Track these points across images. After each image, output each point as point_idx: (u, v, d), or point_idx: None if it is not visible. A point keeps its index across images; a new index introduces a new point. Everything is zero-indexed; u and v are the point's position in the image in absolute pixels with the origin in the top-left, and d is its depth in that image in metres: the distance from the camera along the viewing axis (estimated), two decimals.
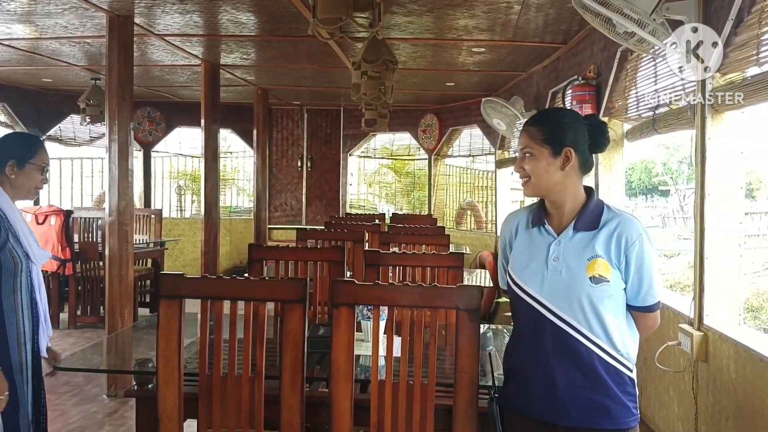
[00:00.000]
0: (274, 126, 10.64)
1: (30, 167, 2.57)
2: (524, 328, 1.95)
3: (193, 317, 2.37)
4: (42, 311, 2.61)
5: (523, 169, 1.95)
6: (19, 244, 2.50)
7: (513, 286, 1.97)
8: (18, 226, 2.52)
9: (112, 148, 4.74)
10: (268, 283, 2.20)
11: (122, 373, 3.69)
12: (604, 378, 1.86)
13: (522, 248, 1.99)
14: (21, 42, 5.98)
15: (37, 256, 2.58)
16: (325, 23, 2.91)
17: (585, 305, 1.85)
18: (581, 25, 4.84)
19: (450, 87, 8.23)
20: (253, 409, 2.14)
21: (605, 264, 1.86)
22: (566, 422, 1.88)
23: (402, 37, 5.43)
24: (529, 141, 1.94)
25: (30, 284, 2.54)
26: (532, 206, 2.07)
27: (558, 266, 1.89)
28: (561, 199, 1.95)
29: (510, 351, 2.04)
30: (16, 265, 2.47)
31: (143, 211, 8.28)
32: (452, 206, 10.62)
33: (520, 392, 1.96)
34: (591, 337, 1.85)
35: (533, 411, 1.93)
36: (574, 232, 1.91)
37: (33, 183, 2.59)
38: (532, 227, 1.99)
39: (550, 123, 1.95)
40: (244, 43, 5.99)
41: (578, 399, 1.87)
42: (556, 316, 1.87)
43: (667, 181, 29.20)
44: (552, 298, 1.88)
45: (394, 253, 3.59)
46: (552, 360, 1.88)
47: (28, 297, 2.52)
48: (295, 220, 10.66)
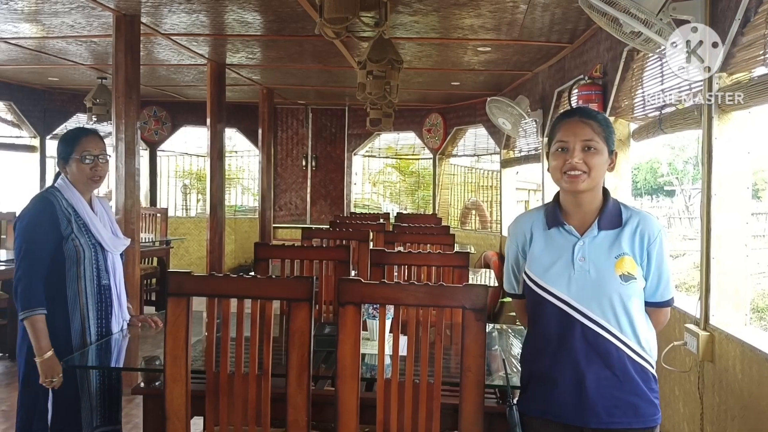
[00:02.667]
0: (279, 125, 10.66)
1: (73, 161, 2.72)
2: (550, 331, 1.90)
3: (198, 316, 2.38)
4: (116, 297, 2.79)
5: (584, 163, 1.87)
6: (86, 235, 2.70)
7: (536, 289, 1.92)
8: (88, 218, 2.72)
9: (119, 147, 4.76)
10: (275, 281, 2.21)
11: (130, 371, 3.73)
12: (633, 377, 1.86)
13: (541, 250, 1.94)
14: (28, 41, 6.00)
15: (111, 244, 2.78)
16: (331, 23, 2.92)
17: (616, 304, 1.84)
18: (587, 25, 4.83)
19: (455, 86, 8.23)
20: (259, 407, 2.15)
21: (632, 261, 1.86)
22: (595, 424, 1.85)
23: (407, 36, 5.43)
24: (593, 134, 1.88)
25: (97, 272, 2.71)
26: (543, 208, 2.03)
27: (585, 266, 1.86)
28: (591, 199, 1.92)
29: (533, 355, 1.98)
30: (79, 254, 2.66)
31: (149, 209, 8.30)
32: (457, 206, 10.62)
33: (546, 397, 1.91)
34: (620, 336, 1.84)
35: (559, 415, 1.90)
36: (598, 231, 1.90)
37: (84, 174, 2.72)
38: (549, 228, 1.95)
39: (604, 121, 1.93)
40: (250, 43, 6.00)
41: (609, 399, 1.85)
42: (586, 317, 1.85)
43: (672, 181, 29.13)
44: (581, 298, 1.85)
45: (400, 252, 3.60)
46: (582, 361, 1.85)
47: (93, 284, 2.70)
48: (299, 220, 10.67)
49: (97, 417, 2.69)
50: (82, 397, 2.65)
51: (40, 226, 2.62)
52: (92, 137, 2.77)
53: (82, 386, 2.65)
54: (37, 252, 2.59)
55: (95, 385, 2.68)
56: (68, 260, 2.65)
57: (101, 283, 2.73)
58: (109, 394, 2.75)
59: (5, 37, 5.78)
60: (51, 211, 2.64)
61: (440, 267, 3.42)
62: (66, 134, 2.83)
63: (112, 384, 2.77)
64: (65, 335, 2.63)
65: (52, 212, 2.64)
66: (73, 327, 2.66)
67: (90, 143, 2.75)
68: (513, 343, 3.03)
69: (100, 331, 2.73)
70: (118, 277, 2.82)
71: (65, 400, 2.63)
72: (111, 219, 2.89)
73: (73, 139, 2.75)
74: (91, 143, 2.75)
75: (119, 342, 2.85)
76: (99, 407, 2.69)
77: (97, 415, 2.69)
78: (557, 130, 1.94)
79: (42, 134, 9.27)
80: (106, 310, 2.75)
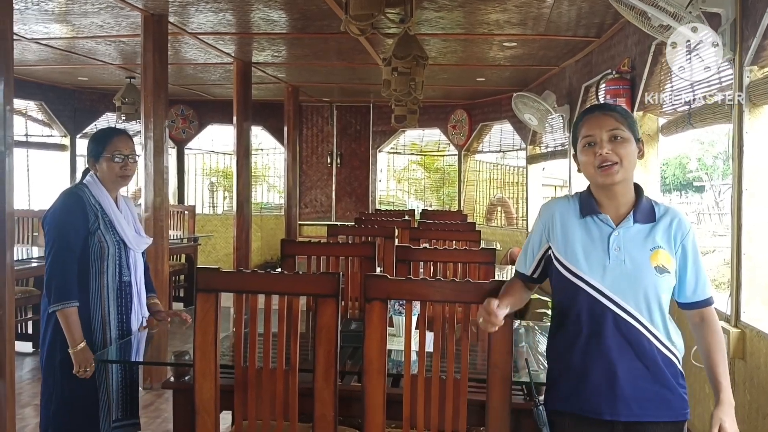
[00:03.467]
0: (304, 123, 10.71)
1: (103, 160, 2.78)
2: (582, 322, 1.87)
3: (224, 312, 2.40)
4: (136, 294, 2.84)
5: (614, 153, 1.84)
6: (111, 232, 2.75)
7: (569, 277, 1.88)
8: (113, 215, 2.77)
9: (148, 145, 4.82)
10: (302, 277, 2.23)
11: (161, 365, 3.82)
12: (663, 370, 1.84)
13: (576, 237, 1.90)
14: (58, 41, 6.11)
15: (134, 242, 2.83)
16: (357, 19, 2.93)
17: (650, 296, 1.83)
18: (615, 19, 4.78)
19: (480, 82, 8.19)
20: (287, 402, 2.17)
21: (667, 255, 1.85)
22: (626, 417, 1.83)
23: (432, 32, 5.42)
24: (618, 123, 1.87)
25: (119, 268, 2.77)
26: (577, 195, 1.99)
27: (620, 256, 1.84)
28: (623, 190, 1.89)
29: (564, 349, 1.93)
30: (103, 250, 2.72)
31: (177, 207, 8.40)
32: (482, 202, 10.57)
33: (576, 391, 1.88)
34: (651, 329, 1.83)
35: (590, 410, 1.87)
36: (634, 223, 1.88)
37: (113, 173, 2.78)
38: (583, 217, 1.91)
39: (626, 112, 1.94)
40: (276, 41, 6.04)
41: (641, 392, 1.83)
42: (619, 307, 1.83)
43: (701, 176, 28.67)
44: (615, 288, 1.83)
45: (425, 249, 3.59)
46: (614, 352, 1.83)
47: (114, 280, 2.76)
48: (324, 217, 10.71)
49: (118, 411, 2.74)
50: (99, 391, 2.70)
51: (70, 219, 2.67)
52: (123, 137, 2.83)
53: (100, 380, 2.70)
54: (68, 244, 2.65)
55: (114, 379, 2.74)
56: (93, 255, 2.71)
57: (122, 279, 2.79)
58: (129, 389, 2.80)
59: (36, 37, 5.89)
60: (80, 205, 2.70)
61: (466, 263, 3.41)
62: (97, 133, 2.89)
63: (133, 378, 2.83)
64: (86, 328, 2.68)
65: (81, 207, 2.70)
66: (94, 321, 2.72)
67: (121, 143, 2.81)
68: (539, 341, 3.02)
69: (120, 326, 2.78)
70: (139, 274, 2.87)
71: (81, 395, 2.69)
72: (135, 218, 2.94)
73: (104, 138, 2.81)
74: (122, 143, 2.81)
75: (146, 337, 2.90)
76: (119, 401, 2.75)
77: (117, 409, 2.74)
78: (581, 127, 1.92)
79: (72, 133, 9.43)
80: (126, 306, 2.80)
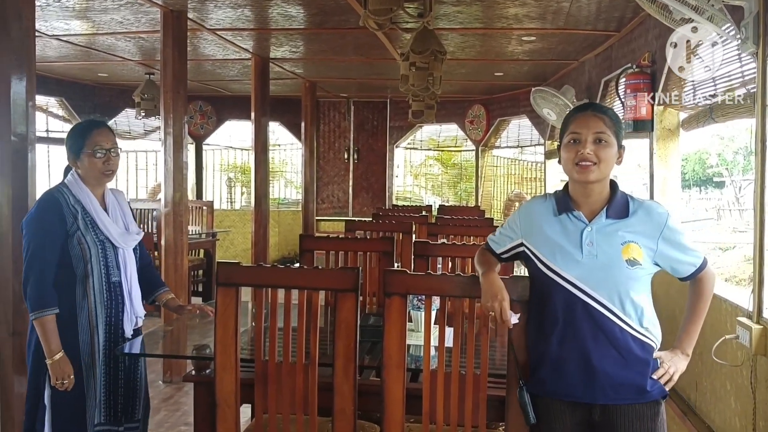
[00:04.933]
0: (321, 118, 10.73)
1: (85, 156, 2.61)
2: (558, 313, 1.98)
3: (243, 306, 2.42)
4: (127, 293, 2.68)
5: (595, 154, 1.97)
6: (94, 232, 2.59)
7: (545, 271, 2.01)
8: (96, 214, 2.61)
9: (167, 141, 4.86)
10: (321, 272, 2.24)
11: (182, 359, 3.86)
12: (638, 356, 1.96)
13: (551, 234, 2.02)
14: (78, 38, 6.16)
15: (120, 240, 2.66)
16: (376, 14, 2.93)
17: (620, 288, 1.94)
18: (635, 12, 4.73)
19: (498, 77, 8.15)
20: (307, 396, 2.18)
21: (638, 248, 1.95)
22: (602, 400, 1.96)
23: (450, 27, 5.40)
24: (605, 127, 1.99)
25: (106, 269, 2.61)
26: (553, 195, 2.11)
27: (593, 251, 1.96)
28: (599, 190, 2.01)
29: (541, 337, 2.04)
30: (85, 252, 2.57)
31: (195, 202, 8.45)
32: (500, 198, 10.53)
33: (555, 376, 2.00)
34: (623, 317, 1.94)
35: (569, 394, 1.99)
36: (606, 218, 1.99)
37: (96, 169, 2.62)
38: (559, 214, 2.04)
39: (615, 116, 2.04)
40: (294, 37, 6.05)
41: (614, 377, 1.95)
42: (592, 298, 1.94)
43: (722, 172, 28.37)
44: (588, 280, 1.95)
45: (444, 244, 3.59)
46: (589, 341, 1.95)
47: (101, 282, 2.60)
48: (341, 212, 10.73)
49: (101, 415, 2.60)
50: (87, 396, 2.58)
51: (45, 225, 2.53)
52: (103, 130, 2.66)
53: (88, 385, 2.58)
54: (43, 251, 2.51)
55: (100, 381, 2.59)
56: (74, 258, 2.56)
57: (111, 280, 2.63)
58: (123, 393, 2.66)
59: (57, 34, 5.94)
60: (56, 208, 2.55)
61: None
62: (75, 127, 2.72)
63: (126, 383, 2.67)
64: (72, 334, 2.54)
65: (58, 210, 2.55)
66: (81, 326, 2.57)
67: (101, 136, 2.63)
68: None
69: (108, 330, 2.63)
70: (130, 273, 2.70)
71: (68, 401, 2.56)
72: (125, 213, 2.76)
73: (83, 132, 2.64)
74: (102, 136, 2.63)
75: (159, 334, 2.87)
76: (104, 404, 2.60)
77: (101, 413, 2.60)
78: (570, 123, 2.04)
79: None
80: (116, 308, 2.65)
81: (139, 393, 2.73)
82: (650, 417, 1.97)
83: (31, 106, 3.26)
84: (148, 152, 10.94)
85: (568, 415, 2.00)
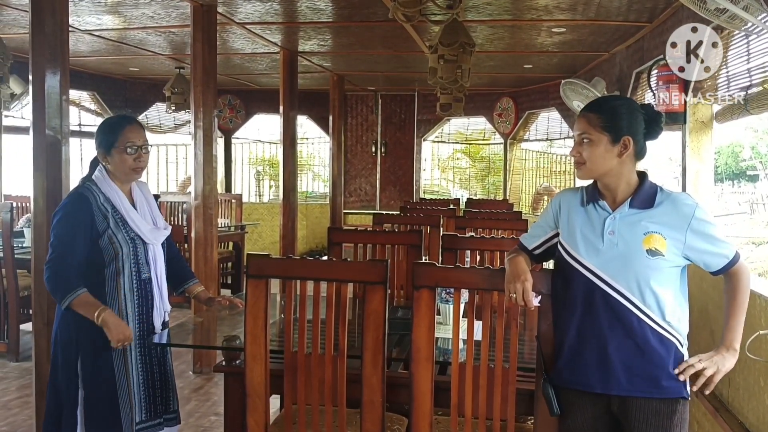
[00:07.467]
0: (349, 112, 10.73)
1: (116, 151, 2.59)
2: (577, 301, 2.00)
3: (271, 298, 2.43)
4: (157, 289, 2.69)
5: (579, 154, 2.03)
6: (124, 229, 2.59)
7: (568, 259, 2.03)
8: (126, 212, 2.60)
9: (197, 134, 4.90)
10: (350, 264, 2.24)
11: (213, 349, 3.91)
12: (655, 348, 1.94)
13: (577, 224, 2.05)
14: (110, 32, 6.25)
15: (151, 236, 2.65)
16: (405, 6, 2.92)
17: (640, 277, 1.93)
18: (668, 3, 4.65)
19: (527, 69, 8.07)
20: (335, 387, 2.19)
21: (661, 239, 1.94)
22: (617, 391, 1.96)
23: (479, 18, 5.36)
24: (588, 127, 2.01)
25: (137, 266, 2.62)
26: (585, 186, 2.13)
27: (614, 239, 1.97)
28: (615, 183, 2.03)
29: (561, 326, 2.05)
30: (116, 250, 2.56)
31: (224, 195, 8.53)
32: (528, 191, 10.44)
33: (573, 366, 2.01)
34: (643, 308, 1.93)
35: (586, 384, 2.00)
36: (630, 208, 1.99)
37: (126, 165, 2.60)
38: (587, 204, 2.06)
39: (609, 111, 2.03)
40: (322, 30, 6.06)
41: (630, 368, 1.94)
42: (611, 287, 1.95)
43: (755, 165, 27.81)
44: (607, 269, 1.95)
45: (472, 237, 3.58)
46: (606, 330, 1.95)
47: (131, 279, 2.60)
48: (369, 205, 10.74)
49: (141, 413, 2.61)
50: (120, 393, 2.57)
51: (75, 221, 2.51)
52: (135, 126, 2.64)
53: (120, 381, 2.57)
54: (70, 247, 2.49)
55: (135, 381, 2.60)
56: (106, 257, 2.55)
57: (141, 277, 2.63)
58: (154, 389, 2.67)
59: (90, 29, 6.04)
60: (86, 208, 2.53)
61: None
62: (107, 122, 2.70)
63: (161, 375, 2.70)
64: (103, 333, 2.49)
65: (88, 209, 2.53)
66: None
67: (133, 133, 2.61)
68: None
69: (140, 326, 2.63)
70: (159, 268, 2.70)
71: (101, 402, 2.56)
72: (152, 207, 2.75)
73: (116, 127, 2.61)
74: (134, 133, 2.61)
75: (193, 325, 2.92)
76: (142, 402, 2.61)
77: (141, 411, 2.61)
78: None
79: None
80: (147, 305, 2.65)
81: (172, 383, 2.77)
82: (666, 415, 1.95)
83: (65, 100, 3.31)
84: (178, 146, 11.06)
85: (588, 407, 2.01)
